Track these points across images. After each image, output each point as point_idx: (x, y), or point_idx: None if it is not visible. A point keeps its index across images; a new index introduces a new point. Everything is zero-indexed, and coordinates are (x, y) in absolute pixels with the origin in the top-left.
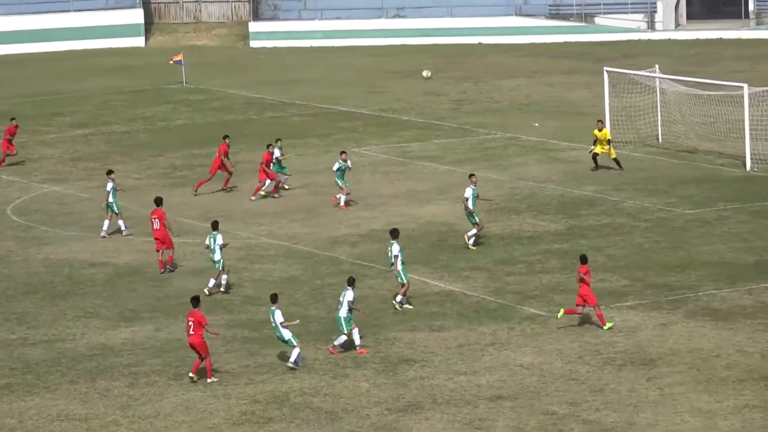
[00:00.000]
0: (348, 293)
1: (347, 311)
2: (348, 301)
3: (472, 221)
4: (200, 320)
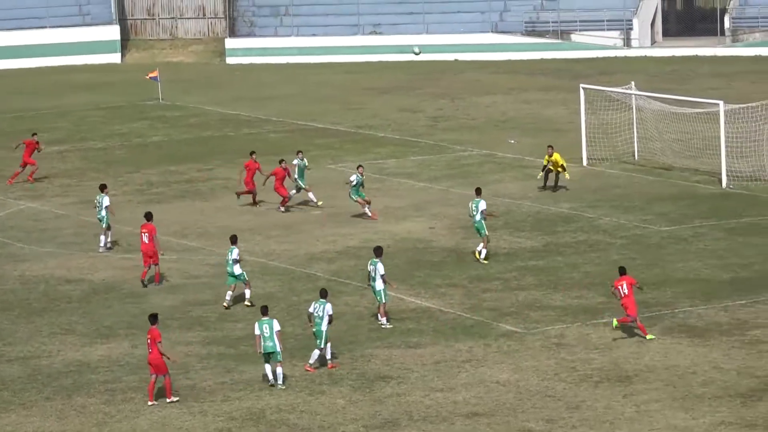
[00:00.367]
0: (327, 306)
1: (328, 324)
2: (329, 315)
3: (482, 234)
4: (156, 338)
